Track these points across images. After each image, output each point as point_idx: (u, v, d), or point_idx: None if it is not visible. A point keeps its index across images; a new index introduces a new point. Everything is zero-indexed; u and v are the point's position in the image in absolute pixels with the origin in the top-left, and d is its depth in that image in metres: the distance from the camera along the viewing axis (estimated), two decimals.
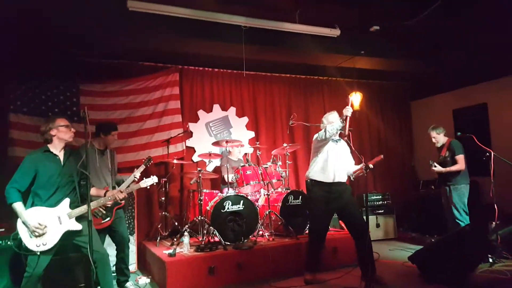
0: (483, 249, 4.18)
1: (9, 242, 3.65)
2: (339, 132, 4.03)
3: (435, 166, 4.95)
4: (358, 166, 4.06)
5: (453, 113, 7.10)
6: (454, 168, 4.86)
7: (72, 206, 3.11)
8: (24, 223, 2.92)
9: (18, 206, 2.93)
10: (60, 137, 3.14)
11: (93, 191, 3.38)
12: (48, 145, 3.16)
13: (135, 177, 4.03)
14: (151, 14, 4.43)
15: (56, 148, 3.16)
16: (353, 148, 4.11)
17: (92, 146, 3.91)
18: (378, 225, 6.36)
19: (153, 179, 3.68)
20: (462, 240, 3.98)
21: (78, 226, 3.10)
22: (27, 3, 4.00)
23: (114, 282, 4.12)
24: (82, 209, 3.11)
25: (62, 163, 3.16)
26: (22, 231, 2.93)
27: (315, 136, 4.10)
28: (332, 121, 4.06)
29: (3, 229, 3.92)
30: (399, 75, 7.39)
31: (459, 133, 5.19)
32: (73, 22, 4.38)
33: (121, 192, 3.45)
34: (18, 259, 3.56)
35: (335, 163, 4.01)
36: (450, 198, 4.88)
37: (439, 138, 5.13)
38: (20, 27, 4.35)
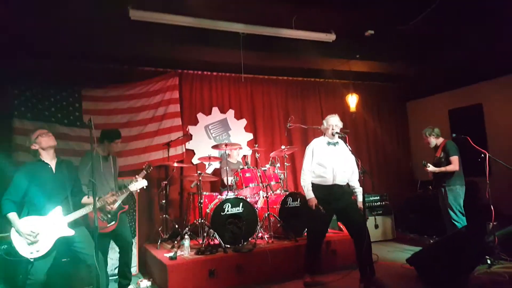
0: (480, 251, 4.17)
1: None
2: (337, 135, 4.12)
3: (428, 166, 4.99)
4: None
5: (449, 113, 7.18)
6: (448, 168, 4.88)
7: (65, 213, 3.21)
8: (17, 231, 3.03)
9: (12, 216, 3.04)
10: (43, 146, 3.25)
11: (84, 199, 3.46)
12: (40, 156, 3.26)
13: (136, 179, 4.10)
14: (152, 22, 4.54)
15: (47, 157, 3.27)
16: (350, 151, 4.18)
17: (97, 152, 3.99)
18: (376, 226, 6.39)
19: (142, 183, 3.80)
20: (459, 241, 3.98)
21: (70, 232, 3.20)
22: (31, 11, 4.10)
23: (116, 285, 4.22)
24: (75, 214, 3.22)
25: (54, 171, 3.26)
26: (16, 239, 3.04)
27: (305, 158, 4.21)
28: (331, 124, 4.13)
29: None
30: (394, 77, 7.47)
31: (454, 135, 5.21)
32: (77, 30, 4.48)
33: (113, 195, 3.57)
34: (10, 267, 3.67)
35: (333, 166, 4.05)
36: (446, 199, 4.91)
37: (430, 140, 5.16)
38: (23, 34, 4.44)
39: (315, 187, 4.08)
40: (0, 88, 4.92)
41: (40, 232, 3.07)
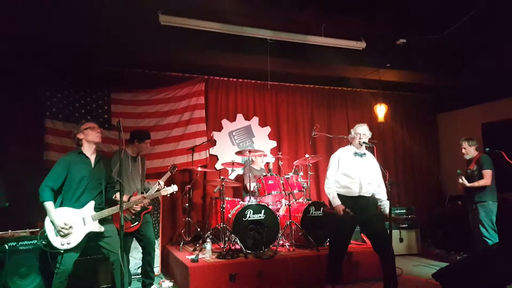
0: (511, 270, 4.03)
1: (36, 242, 3.87)
2: (365, 145, 4.04)
3: (462, 178, 4.83)
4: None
5: (482, 127, 6.92)
6: (479, 183, 4.73)
7: (97, 209, 3.28)
8: (52, 222, 3.10)
9: (48, 205, 3.12)
10: (88, 139, 3.34)
11: (117, 195, 3.52)
12: (82, 148, 3.36)
13: (159, 184, 4.18)
14: (181, 28, 4.63)
15: (88, 151, 3.36)
16: (378, 163, 4.09)
17: (126, 152, 4.09)
18: (401, 240, 6.25)
19: (173, 188, 3.86)
20: (489, 259, 3.85)
21: (100, 228, 3.26)
22: (65, 17, 4.28)
23: (139, 284, 4.27)
24: (105, 212, 3.28)
25: (92, 165, 3.34)
26: (49, 229, 3.11)
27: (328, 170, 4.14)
28: (359, 133, 4.05)
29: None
30: (425, 87, 7.30)
31: (487, 149, 5.06)
32: (107, 34, 4.63)
33: (144, 197, 3.63)
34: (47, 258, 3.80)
35: (360, 177, 3.98)
36: (477, 215, 4.74)
37: (470, 150, 5.00)
38: (55, 39, 4.61)
39: (340, 197, 4.00)
40: (34, 90, 5.14)
41: (73, 225, 3.15)
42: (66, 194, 3.22)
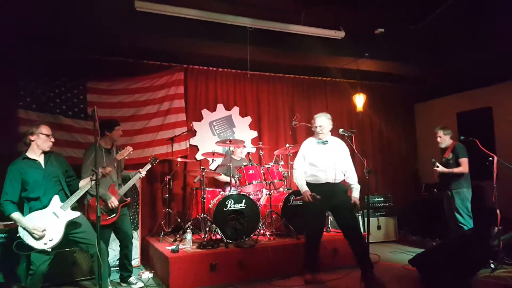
0: (484, 254, 4.14)
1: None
2: (320, 133, 4.12)
3: (438, 166, 4.92)
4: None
5: (457, 116, 7.09)
6: (456, 170, 4.80)
7: (63, 201, 3.22)
8: (24, 228, 3.05)
9: (15, 215, 3.07)
10: (38, 144, 3.22)
11: (81, 182, 3.44)
12: (26, 153, 3.24)
13: (140, 173, 4.13)
14: (158, 14, 4.51)
15: (35, 154, 3.24)
16: (356, 151, 4.15)
17: (100, 145, 3.98)
18: (379, 227, 6.37)
19: (128, 149, 3.77)
20: (463, 244, 3.95)
21: (75, 214, 3.21)
22: (38, 2, 4.09)
23: (117, 276, 4.22)
24: (73, 198, 3.22)
25: (43, 166, 3.24)
26: (26, 236, 3.06)
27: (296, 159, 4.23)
28: (315, 125, 4.16)
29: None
30: (403, 78, 7.40)
31: (462, 137, 5.16)
32: (81, 21, 4.47)
33: (104, 167, 3.46)
34: (10, 258, 3.71)
35: (323, 164, 4.05)
36: (453, 202, 4.82)
37: (445, 138, 5.07)
38: (29, 26, 4.44)
39: (308, 185, 4.10)
40: (6, 79, 4.93)
41: (47, 224, 3.09)
42: (29, 200, 3.17)
